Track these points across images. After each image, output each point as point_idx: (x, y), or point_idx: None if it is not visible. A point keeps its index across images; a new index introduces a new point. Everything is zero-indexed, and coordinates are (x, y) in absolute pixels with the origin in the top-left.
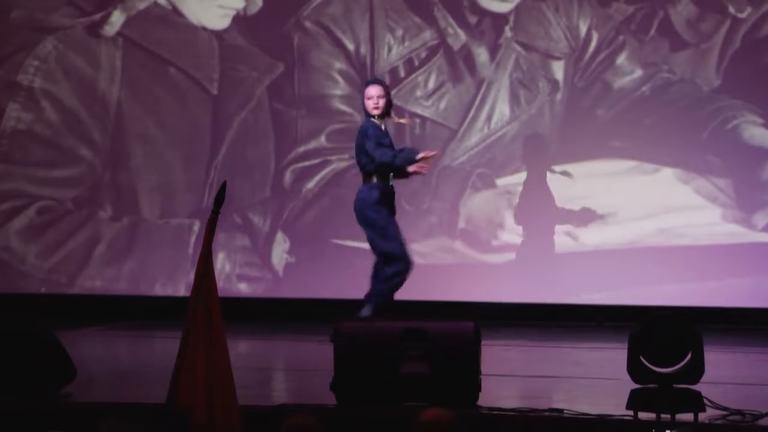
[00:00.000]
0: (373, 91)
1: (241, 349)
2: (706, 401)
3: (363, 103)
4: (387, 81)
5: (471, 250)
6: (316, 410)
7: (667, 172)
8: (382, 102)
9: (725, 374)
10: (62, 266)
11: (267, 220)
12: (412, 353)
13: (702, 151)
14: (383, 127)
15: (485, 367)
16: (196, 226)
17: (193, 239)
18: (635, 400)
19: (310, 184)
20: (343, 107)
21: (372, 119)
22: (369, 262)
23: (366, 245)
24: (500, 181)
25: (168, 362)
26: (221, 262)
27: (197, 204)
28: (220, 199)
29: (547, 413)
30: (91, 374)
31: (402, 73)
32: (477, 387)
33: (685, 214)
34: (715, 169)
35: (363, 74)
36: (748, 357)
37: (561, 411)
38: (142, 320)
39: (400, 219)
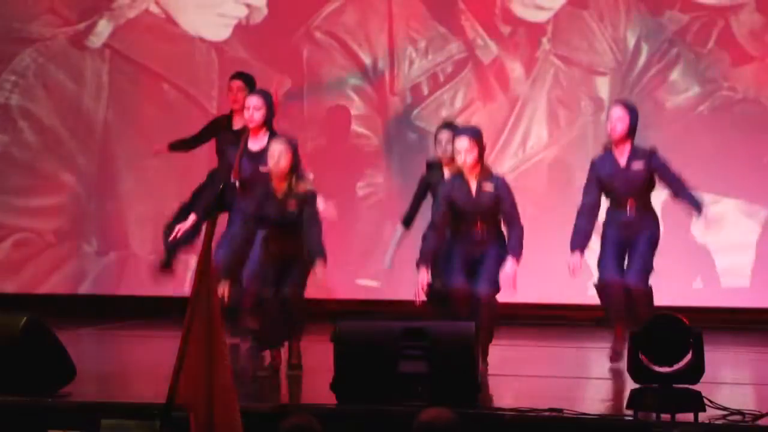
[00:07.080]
0: None
1: (240, 349)
2: (706, 401)
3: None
4: (408, 99)
5: None
6: (316, 410)
7: (728, 204)
8: None
9: (725, 374)
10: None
11: None
12: (412, 353)
13: None
14: None
15: None
16: (193, 262)
17: (188, 277)
18: (635, 400)
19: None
20: (359, 129)
21: None
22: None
23: None
24: (531, 210)
25: (168, 362)
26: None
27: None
28: (220, 198)
29: (547, 413)
30: (91, 374)
31: (425, 90)
32: (477, 387)
33: (749, 251)
34: None
35: (381, 91)
36: (748, 357)
37: (561, 411)
38: (142, 320)
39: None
